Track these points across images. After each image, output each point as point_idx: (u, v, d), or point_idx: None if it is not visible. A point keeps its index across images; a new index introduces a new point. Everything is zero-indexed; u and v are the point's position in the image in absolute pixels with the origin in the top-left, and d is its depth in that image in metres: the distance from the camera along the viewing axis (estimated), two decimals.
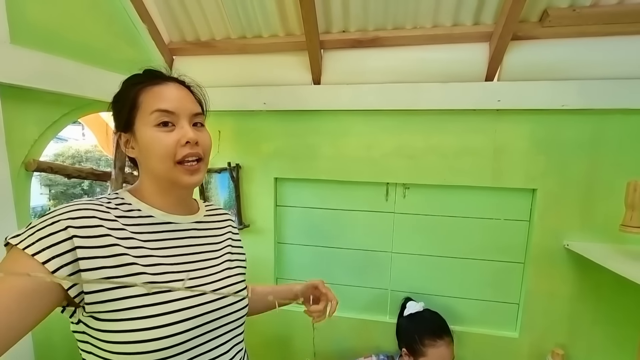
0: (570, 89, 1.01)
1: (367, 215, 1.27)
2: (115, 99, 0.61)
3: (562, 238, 1.10)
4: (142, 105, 0.57)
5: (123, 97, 0.59)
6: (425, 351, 1.03)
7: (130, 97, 0.58)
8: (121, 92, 0.61)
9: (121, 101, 0.59)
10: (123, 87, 0.61)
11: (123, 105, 0.59)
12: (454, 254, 1.22)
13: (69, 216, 0.48)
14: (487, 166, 1.12)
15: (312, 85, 1.20)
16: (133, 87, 0.59)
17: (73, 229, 0.47)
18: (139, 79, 0.60)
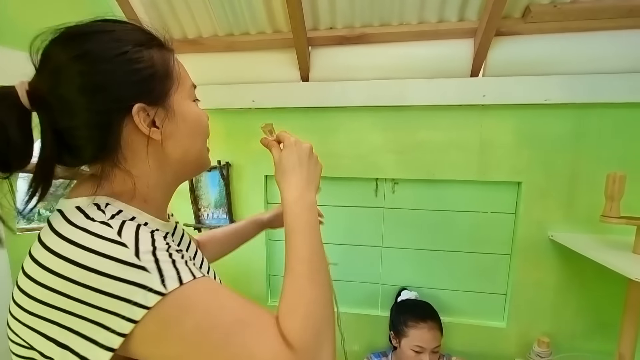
0: (553, 83, 1.03)
1: (357, 210, 1.28)
2: (140, 62, 0.42)
3: (547, 229, 1.13)
4: (181, 76, 0.46)
5: (155, 62, 0.43)
6: (407, 332, 1.07)
7: (163, 62, 0.44)
8: (153, 55, 0.43)
9: (152, 67, 0.43)
10: (154, 51, 0.43)
11: (155, 71, 0.43)
12: (442, 247, 1.24)
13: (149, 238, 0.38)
14: (474, 160, 1.14)
15: (301, 83, 1.21)
16: (164, 51, 0.45)
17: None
18: (156, 40, 0.45)
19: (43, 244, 0.36)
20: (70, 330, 0.34)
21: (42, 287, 0.34)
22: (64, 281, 0.33)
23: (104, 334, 0.33)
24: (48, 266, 0.35)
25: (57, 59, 0.40)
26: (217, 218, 1.34)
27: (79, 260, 0.34)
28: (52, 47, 0.40)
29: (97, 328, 0.33)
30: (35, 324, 0.35)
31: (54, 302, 0.34)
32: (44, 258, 0.35)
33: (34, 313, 0.35)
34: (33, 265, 0.36)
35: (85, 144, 0.40)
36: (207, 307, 0.35)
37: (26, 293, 0.35)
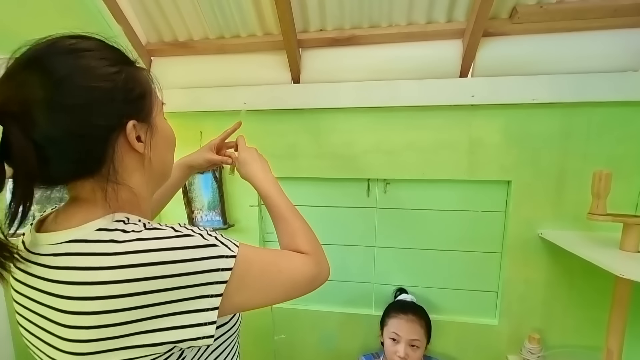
0: (540, 83, 1.04)
1: (349, 211, 1.29)
2: (133, 81, 0.46)
3: (537, 227, 1.14)
4: (154, 93, 0.50)
5: (142, 82, 0.48)
6: (387, 321, 1.12)
7: (147, 81, 0.49)
8: (139, 75, 0.48)
9: (140, 85, 0.47)
10: (138, 70, 0.48)
11: (144, 90, 0.47)
12: (434, 246, 1.25)
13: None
14: (464, 160, 1.15)
15: (292, 84, 1.21)
16: (143, 70, 0.49)
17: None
18: (129, 59, 0.48)
19: (93, 268, 0.39)
20: (173, 314, 0.40)
21: (128, 296, 0.38)
22: (153, 281, 0.39)
23: (206, 301, 0.41)
24: (127, 277, 0.38)
25: (58, 69, 0.40)
26: (210, 220, 1.34)
27: (162, 259, 0.40)
28: (52, 58, 0.40)
29: (198, 300, 0.41)
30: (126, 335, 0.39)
31: (147, 301, 0.39)
32: (113, 275, 0.38)
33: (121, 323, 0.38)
34: (94, 287, 0.38)
35: (78, 157, 0.42)
36: (257, 256, 0.50)
37: (98, 312, 0.38)
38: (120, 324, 0.38)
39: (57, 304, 0.40)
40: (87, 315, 0.38)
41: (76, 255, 0.40)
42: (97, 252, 0.39)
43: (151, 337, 0.39)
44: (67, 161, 0.41)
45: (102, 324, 0.38)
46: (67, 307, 0.39)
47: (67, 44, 0.42)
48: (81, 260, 0.39)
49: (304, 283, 0.54)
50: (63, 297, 0.39)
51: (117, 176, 0.44)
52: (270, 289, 0.50)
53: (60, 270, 0.40)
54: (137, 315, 0.38)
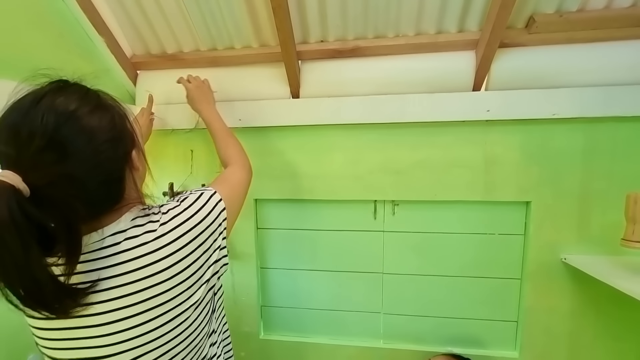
0: (561, 97, 0.97)
1: (355, 235, 1.19)
2: (124, 115, 0.56)
3: (559, 252, 1.05)
4: (129, 114, 0.58)
5: (122, 112, 0.56)
6: None
7: (122, 108, 0.56)
8: (118, 106, 0.56)
9: (125, 117, 0.56)
10: (113, 101, 0.56)
11: (128, 118, 0.57)
12: (448, 273, 1.15)
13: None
14: (479, 179, 1.06)
15: (291, 99, 1.12)
16: (112, 98, 0.56)
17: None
18: (102, 97, 0.55)
19: (150, 237, 0.53)
20: (215, 241, 0.61)
21: (188, 245, 0.56)
22: (195, 228, 0.57)
23: (223, 224, 0.63)
24: (181, 233, 0.56)
25: (70, 143, 0.45)
26: None
27: (190, 214, 0.58)
28: (61, 132, 0.45)
29: (221, 225, 0.63)
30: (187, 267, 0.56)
31: (200, 241, 0.58)
32: (171, 236, 0.55)
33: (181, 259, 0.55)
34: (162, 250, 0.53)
35: (107, 196, 0.53)
36: (223, 185, 0.71)
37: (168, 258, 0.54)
38: (188, 266, 0.55)
39: (128, 279, 0.51)
40: (162, 272, 0.52)
41: (130, 239, 0.52)
42: (148, 230, 0.53)
43: (209, 260, 0.60)
44: (103, 201, 0.52)
45: (174, 273, 0.53)
46: (140, 275, 0.51)
47: (63, 109, 0.46)
48: (137, 240, 0.52)
49: (246, 182, 0.80)
50: (133, 270, 0.51)
51: (136, 191, 0.58)
52: (239, 197, 0.75)
53: (120, 254, 0.51)
54: (197, 255, 0.57)
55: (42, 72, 0.49)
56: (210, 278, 0.60)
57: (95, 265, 0.51)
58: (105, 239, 0.52)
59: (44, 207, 0.43)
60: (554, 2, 0.90)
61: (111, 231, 0.52)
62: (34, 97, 0.46)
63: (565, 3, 0.90)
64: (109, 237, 0.52)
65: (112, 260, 0.51)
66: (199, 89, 0.99)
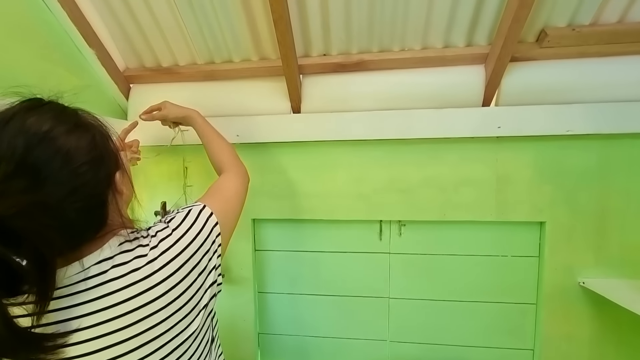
0: (575, 113, 0.93)
1: (359, 257, 1.12)
2: (107, 135, 0.51)
3: (577, 275, 0.99)
4: (112, 134, 0.53)
5: (105, 131, 0.51)
6: None
7: (104, 127, 0.52)
8: (99, 126, 0.51)
9: (107, 137, 0.51)
10: (94, 120, 0.51)
11: (110, 138, 0.52)
12: (458, 297, 1.08)
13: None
14: (490, 199, 1.01)
15: (291, 115, 1.07)
16: (94, 117, 0.51)
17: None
18: (80, 115, 0.50)
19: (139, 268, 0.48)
20: (209, 261, 0.56)
21: (180, 269, 0.50)
22: (187, 249, 0.52)
23: (217, 241, 0.58)
24: (171, 257, 0.50)
25: (42, 167, 0.40)
26: None
27: (179, 235, 0.53)
28: (32, 155, 0.40)
29: (214, 242, 0.57)
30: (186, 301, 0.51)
31: (192, 264, 0.52)
32: (162, 261, 0.49)
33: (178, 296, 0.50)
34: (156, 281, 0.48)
35: (90, 223, 0.47)
36: (215, 197, 0.66)
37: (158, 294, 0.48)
38: (184, 292, 0.50)
39: (117, 311, 0.45)
40: (156, 300, 0.47)
41: (118, 266, 0.47)
42: (139, 254, 0.48)
43: (205, 284, 0.54)
44: (83, 230, 0.46)
45: (170, 300, 0.48)
46: (131, 306, 0.45)
47: (36, 130, 0.41)
48: (127, 267, 0.47)
49: (243, 191, 0.74)
50: (122, 302, 0.45)
51: (118, 220, 0.51)
52: (233, 208, 0.68)
53: (106, 284, 0.45)
54: (192, 278, 0.51)
55: (13, 89, 0.43)
56: (208, 302, 0.55)
57: (74, 300, 0.44)
58: (90, 269, 0.46)
59: (12, 241, 0.37)
60: (565, 16, 0.87)
61: (95, 260, 0.46)
62: (2, 118, 0.41)
63: (578, 16, 0.87)
64: (93, 267, 0.46)
65: (97, 292, 0.45)
66: (175, 104, 0.91)
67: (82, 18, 0.94)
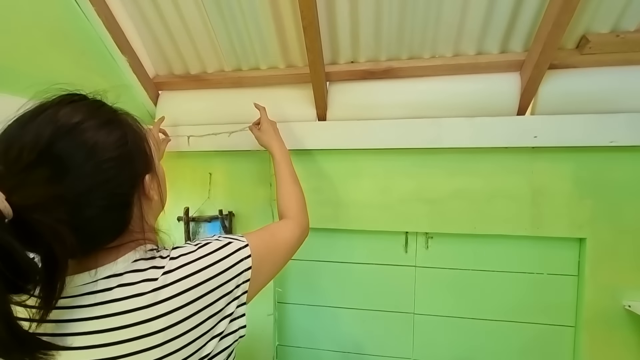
0: (619, 123, 0.87)
1: (383, 269, 1.08)
2: (141, 135, 0.49)
3: (621, 297, 0.92)
4: (149, 138, 0.52)
5: (141, 133, 0.50)
6: None
7: (141, 129, 0.50)
8: (135, 126, 0.50)
9: (142, 138, 0.49)
10: (131, 120, 0.49)
11: (145, 140, 0.50)
12: (489, 316, 1.03)
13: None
14: (525, 212, 0.96)
15: (317, 122, 1.06)
16: (133, 118, 0.50)
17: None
18: (119, 113, 0.49)
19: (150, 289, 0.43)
20: (222, 309, 0.48)
21: (187, 305, 0.44)
22: (201, 286, 0.46)
23: (242, 287, 0.51)
24: (182, 290, 0.44)
25: (69, 158, 0.39)
26: None
27: (201, 266, 0.47)
28: (59, 145, 0.39)
29: (235, 290, 0.50)
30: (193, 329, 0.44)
31: (201, 305, 0.45)
32: (170, 291, 0.43)
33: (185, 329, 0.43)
34: (164, 304, 0.43)
35: (111, 225, 0.45)
36: (260, 238, 0.59)
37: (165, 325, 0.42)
38: (185, 332, 0.43)
39: (112, 337, 0.40)
40: (154, 335, 0.41)
41: (124, 286, 0.42)
42: (148, 278, 0.44)
43: (213, 331, 0.47)
44: (101, 232, 0.44)
45: (168, 338, 0.42)
46: (127, 335, 0.40)
47: (65, 122, 0.40)
48: (132, 289, 0.42)
49: (295, 245, 0.68)
50: (119, 328, 0.40)
51: (139, 225, 0.48)
52: (277, 260, 0.61)
53: (108, 304, 0.41)
54: (199, 319, 0.45)
55: (59, 86, 0.43)
56: (212, 355, 0.47)
57: (74, 314, 0.41)
58: (98, 282, 0.42)
59: (27, 234, 0.35)
60: (608, 22, 0.83)
61: (105, 273, 0.43)
62: (37, 109, 0.40)
63: (622, 22, 0.83)
64: (102, 281, 0.42)
65: (98, 311, 0.41)
66: (274, 125, 0.94)
67: (116, 25, 0.97)
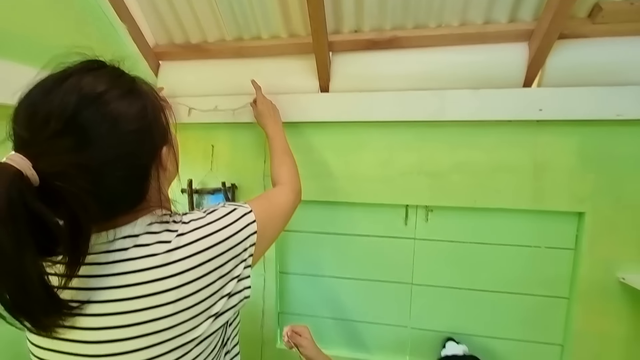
0: (627, 95, 0.86)
1: (383, 241, 1.10)
2: (159, 106, 0.50)
3: (616, 270, 0.94)
4: (167, 110, 0.52)
5: (159, 105, 0.50)
6: None
7: (159, 101, 0.51)
8: (155, 97, 0.50)
9: (160, 110, 0.50)
10: (151, 91, 0.50)
11: (162, 112, 0.51)
12: (485, 287, 1.05)
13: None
14: (526, 186, 0.96)
15: (319, 94, 1.04)
16: (152, 90, 0.51)
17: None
18: (138, 83, 0.49)
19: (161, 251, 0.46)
20: (234, 266, 0.51)
21: (198, 267, 0.47)
22: (212, 249, 0.48)
23: (249, 250, 0.54)
24: (194, 251, 0.47)
25: (93, 128, 0.40)
26: None
27: (212, 230, 0.50)
28: (83, 115, 0.40)
29: (246, 250, 0.53)
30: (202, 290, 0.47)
31: (212, 266, 0.48)
32: (183, 253, 0.46)
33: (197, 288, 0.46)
34: (179, 263, 0.45)
35: (128, 195, 0.47)
36: (261, 205, 0.60)
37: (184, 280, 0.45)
38: (196, 291, 0.46)
39: (128, 293, 0.43)
40: (167, 293, 0.44)
41: (139, 247, 0.45)
42: (162, 240, 0.46)
43: (222, 291, 0.50)
44: (120, 201, 0.46)
45: (181, 296, 0.44)
46: (142, 292, 0.43)
47: (89, 91, 0.41)
48: (147, 249, 0.45)
49: (290, 209, 0.72)
50: (134, 284, 0.43)
51: (159, 194, 0.51)
52: (277, 223, 0.65)
53: (124, 263, 0.44)
54: (210, 279, 0.47)
55: (77, 49, 0.43)
56: (221, 312, 0.50)
57: (93, 271, 0.44)
58: (115, 242, 0.45)
59: (51, 201, 0.37)
60: None
61: (122, 234, 0.46)
62: (61, 75, 0.41)
63: None
64: (118, 241, 0.45)
65: (114, 269, 0.44)
66: (270, 105, 0.96)
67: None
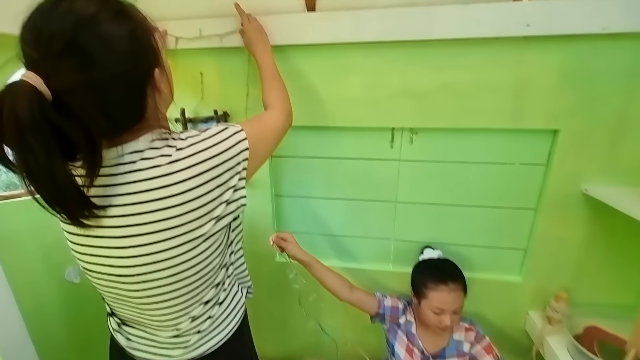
0: (616, 7, 0.84)
1: (369, 163, 1.17)
2: (149, 29, 0.52)
3: (581, 182, 1.02)
4: (155, 32, 0.54)
5: (148, 26, 0.52)
6: (426, 293, 1.02)
7: (148, 23, 0.53)
8: (142, 18, 0.52)
9: (149, 31, 0.52)
10: (137, 13, 0.51)
11: (152, 34, 0.53)
12: (461, 202, 1.15)
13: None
14: (507, 105, 0.99)
15: (306, 13, 1.01)
16: (139, 12, 0.52)
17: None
18: (125, 4, 0.50)
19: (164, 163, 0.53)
20: (230, 179, 0.59)
21: (193, 178, 0.54)
22: (213, 159, 0.56)
23: (242, 164, 0.61)
24: (196, 162, 0.54)
25: (90, 50, 0.43)
26: None
27: (210, 144, 0.57)
28: (81, 37, 0.43)
29: (240, 164, 0.60)
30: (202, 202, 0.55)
31: (214, 174, 0.56)
32: (186, 163, 0.54)
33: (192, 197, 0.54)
34: (177, 174, 0.53)
35: (128, 111, 0.52)
36: (252, 125, 0.65)
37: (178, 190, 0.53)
38: (198, 197, 0.54)
39: (139, 198, 0.52)
40: (172, 197, 0.52)
41: (145, 159, 0.53)
42: (164, 154, 0.53)
43: (221, 198, 0.58)
44: (124, 117, 0.51)
45: (185, 200, 0.53)
46: (151, 197, 0.52)
47: (82, 13, 0.43)
48: (151, 162, 0.52)
49: (282, 129, 0.78)
50: (144, 191, 0.52)
51: (157, 114, 0.56)
52: (268, 142, 0.71)
53: (135, 173, 0.52)
54: (209, 187, 0.55)
55: None
56: (222, 216, 0.59)
57: (112, 180, 0.52)
58: (124, 156, 0.52)
59: (65, 114, 0.42)
60: None
61: (130, 149, 0.53)
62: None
63: None
64: (127, 155, 0.53)
65: (126, 178, 0.52)
66: (257, 32, 0.94)
67: None
